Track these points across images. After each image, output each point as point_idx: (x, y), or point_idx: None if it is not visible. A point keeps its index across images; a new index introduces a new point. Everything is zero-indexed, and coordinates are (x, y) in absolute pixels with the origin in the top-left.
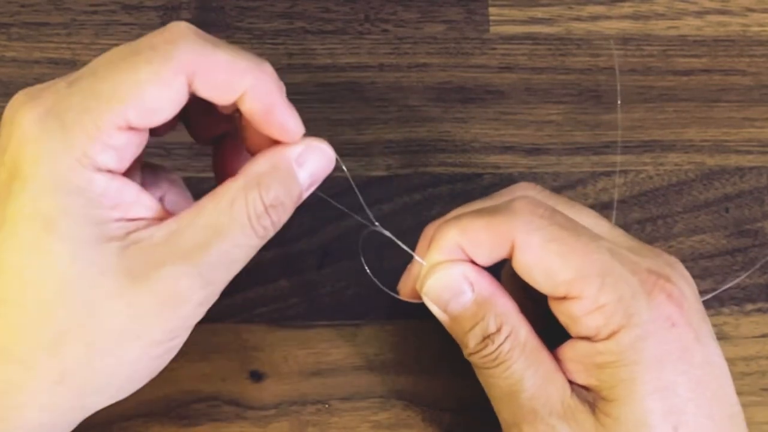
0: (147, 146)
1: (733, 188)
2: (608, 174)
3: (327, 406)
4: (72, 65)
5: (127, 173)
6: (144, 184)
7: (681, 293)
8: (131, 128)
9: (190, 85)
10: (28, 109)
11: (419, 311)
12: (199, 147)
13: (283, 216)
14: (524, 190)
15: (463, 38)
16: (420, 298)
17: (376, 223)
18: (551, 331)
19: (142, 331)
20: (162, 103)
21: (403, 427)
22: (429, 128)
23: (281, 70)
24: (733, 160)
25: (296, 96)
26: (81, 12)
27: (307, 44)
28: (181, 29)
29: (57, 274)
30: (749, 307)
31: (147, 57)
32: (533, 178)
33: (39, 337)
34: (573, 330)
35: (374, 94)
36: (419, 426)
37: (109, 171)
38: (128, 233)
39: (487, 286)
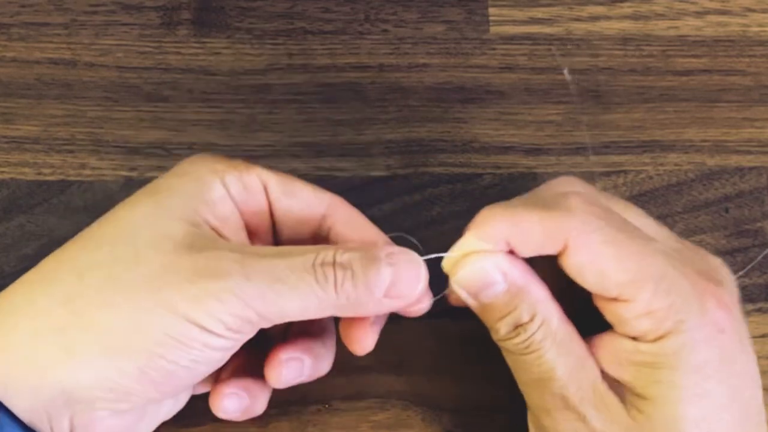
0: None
1: (733, 188)
2: (608, 174)
3: (327, 406)
4: (72, 65)
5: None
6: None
7: (730, 298)
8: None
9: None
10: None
11: None
12: (201, 147)
13: (350, 288)
14: (572, 185)
15: (463, 38)
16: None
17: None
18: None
19: (172, 298)
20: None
21: (403, 427)
22: (429, 128)
23: (281, 71)
24: (733, 160)
25: (296, 96)
26: (81, 12)
27: (307, 44)
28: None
29: (124, 225)
30: (749, 307)
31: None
32: (533, 178)
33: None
34: (619, 328)
35: (374, 94)
36: (419, 426)
37: (232, 197)
38: (206, 230)
39: (520, 275)
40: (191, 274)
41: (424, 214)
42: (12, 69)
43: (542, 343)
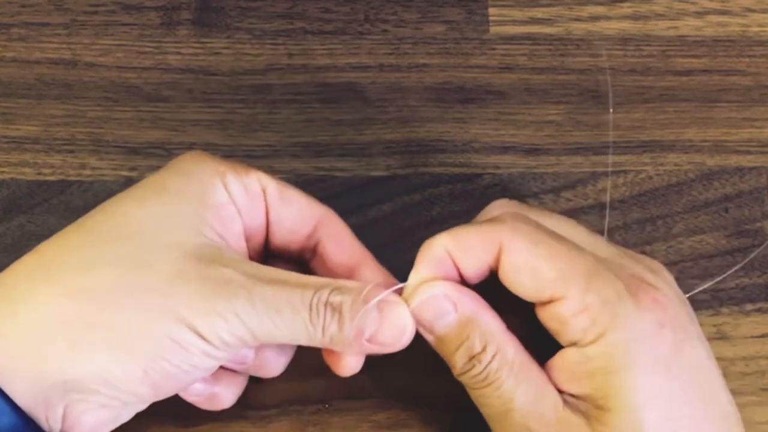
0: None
1: (732, 188)
2: (608, 174)
3: (327, 406)
4: (72, 65)
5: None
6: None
7: (666, 297)
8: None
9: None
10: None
11: None
12: (201, 147)
13: (335, 331)
14: (502, 206)
15: (463, 38)
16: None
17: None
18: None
19: (179, 307)
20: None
21: (403, 427)
22: (429, 128)
23: (281, 71)
24: (733, 160)
25: (296, 96)
26: (81, 12)
27: (307, 44)
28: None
29: (137, 224)
30: (749, 307)
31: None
32: (533, 178)
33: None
34: (562, 336)
35: (374, 94)
36: (419, 426)
37: (234, 200)
38: (215, 239)
39: (470, 304)
40: (200, 287)
41: (424, 214)
42: (12, 69)
43: (498, 373)
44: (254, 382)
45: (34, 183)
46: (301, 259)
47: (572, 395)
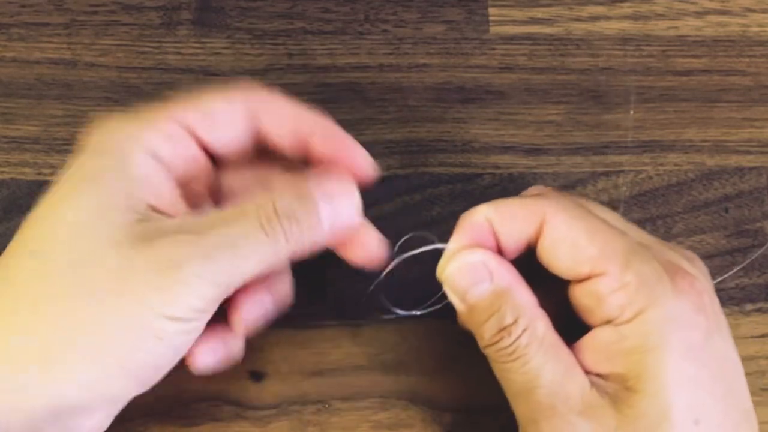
0: None
1: (732, 188)
2: (608, 174)
3: (327, 406)
4: (72, 65)
5: (189, 191)
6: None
7: (702, 285)
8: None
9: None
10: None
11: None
12: None
13: (297, 231)
14: (541, 190)
15: (463, 38)
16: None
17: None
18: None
19: (138, 293)
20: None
21: (403, 427)
22: (429, 128)
23: (281, 71)
24: (733, 160)
25: (296, 96)
26: (81, 12)
27: (307, 44)
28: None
29: (71, 224)
30: (749, 307)
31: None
32: (533, 178)
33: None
34: (596, 314)
35: (374, 94)
36: (419, 426)
37: (159, 159)
38: (149, 214)
39: (507, 276)
40: (153, 266)
41: (424, 214)
42: (12, 69)
43: (528, 348)
44: (254, 382)
45: (34, 183)
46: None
47: (601, 376)
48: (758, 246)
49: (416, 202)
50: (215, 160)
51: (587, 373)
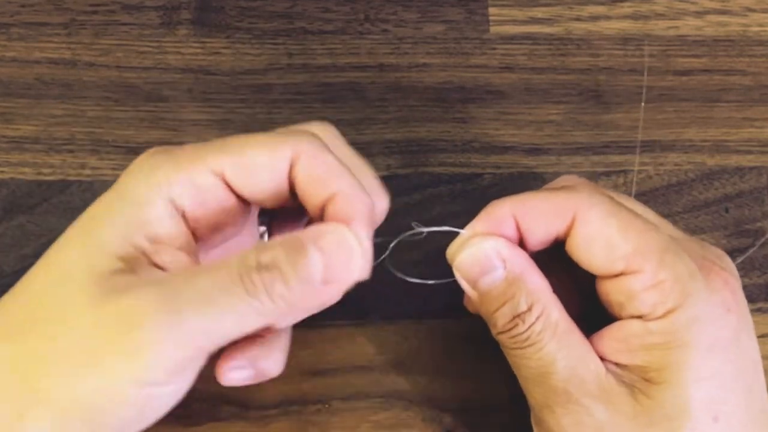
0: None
1: (733, 188)
2: (608, 174)
3: (327, 406)
4: (72, 65)
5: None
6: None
7: (735, 284)
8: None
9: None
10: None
11: (419, 311)
12: None
13: (283, 289)
14: (572, 180)
15: (463, 38)
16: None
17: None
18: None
19: (103, 351)
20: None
21: (403, 427)
22: (429, 128)
23: (281, 70)
24: (733, 160)
25: (296, 96)
26: (81, 12)
27: (307, 44)
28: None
29: (60, 269)
30: (749, 307)
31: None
32: (533, 178)
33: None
34: (627, 308)
35: (374, 94)
36: (419, 426)
37: (179, 209)
38: (137, 264)
39: (520, 262)
40: (116, 325)
41: (424, 214)
42: (12, 69)
43: (541, 335)
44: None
45: (34, 183)
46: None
47: (619, 365)
48: (758, 246)
49: (416, 202)
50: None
51: (604, 360)
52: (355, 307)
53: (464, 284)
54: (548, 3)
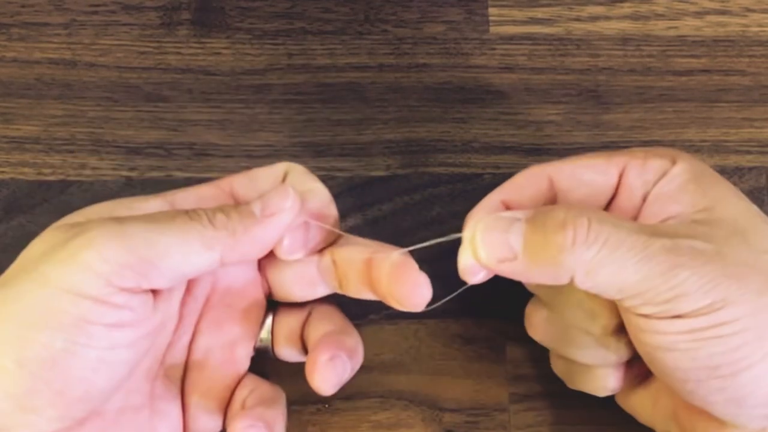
0: (149, 146)
1: None
2: None
3: (327, 406)
4: (72, 65)
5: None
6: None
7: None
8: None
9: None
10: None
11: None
12: (200, 147)
13: (223, 217)
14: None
15: (463, 38)
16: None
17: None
18: None
19: (39, 261)
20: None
21: (403, 427)
22: (429, 128)
23: (281, 71)
24: (733, 160)
25: (296, 96)
26: (81, 12)
27: (307, 44)
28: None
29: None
30: None
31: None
32: None
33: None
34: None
35: (374, 94)
36: (419, 426)
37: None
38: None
39: (528, 204)
40: (61, 242)
41: (424, 214)
42: (12, 69)
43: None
44: None
45: (34, 183)
46: None
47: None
48: None
49: (416, 202)
50: None
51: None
52: (355, 307)
53: (504, 267)
54: (548, 3)
